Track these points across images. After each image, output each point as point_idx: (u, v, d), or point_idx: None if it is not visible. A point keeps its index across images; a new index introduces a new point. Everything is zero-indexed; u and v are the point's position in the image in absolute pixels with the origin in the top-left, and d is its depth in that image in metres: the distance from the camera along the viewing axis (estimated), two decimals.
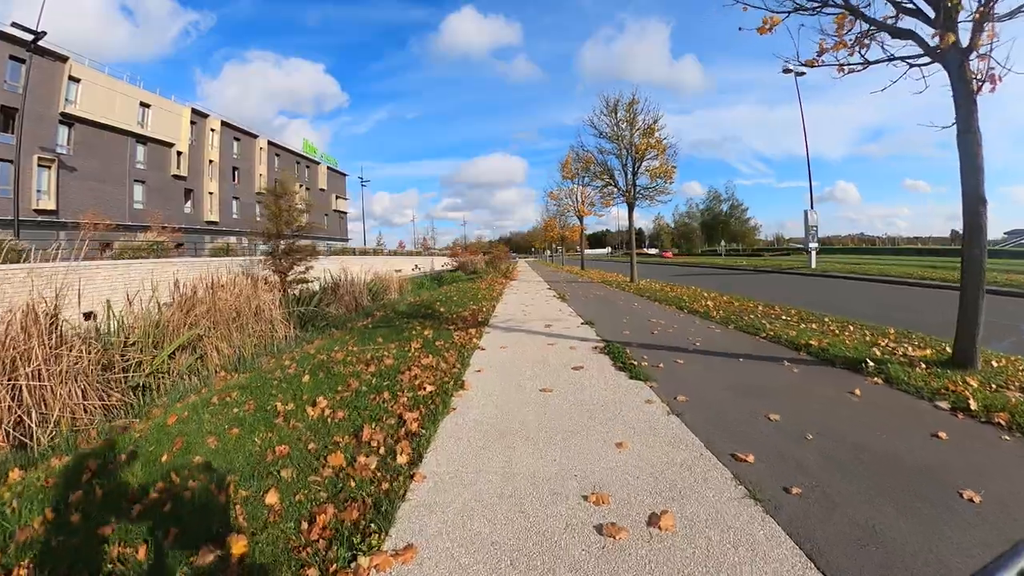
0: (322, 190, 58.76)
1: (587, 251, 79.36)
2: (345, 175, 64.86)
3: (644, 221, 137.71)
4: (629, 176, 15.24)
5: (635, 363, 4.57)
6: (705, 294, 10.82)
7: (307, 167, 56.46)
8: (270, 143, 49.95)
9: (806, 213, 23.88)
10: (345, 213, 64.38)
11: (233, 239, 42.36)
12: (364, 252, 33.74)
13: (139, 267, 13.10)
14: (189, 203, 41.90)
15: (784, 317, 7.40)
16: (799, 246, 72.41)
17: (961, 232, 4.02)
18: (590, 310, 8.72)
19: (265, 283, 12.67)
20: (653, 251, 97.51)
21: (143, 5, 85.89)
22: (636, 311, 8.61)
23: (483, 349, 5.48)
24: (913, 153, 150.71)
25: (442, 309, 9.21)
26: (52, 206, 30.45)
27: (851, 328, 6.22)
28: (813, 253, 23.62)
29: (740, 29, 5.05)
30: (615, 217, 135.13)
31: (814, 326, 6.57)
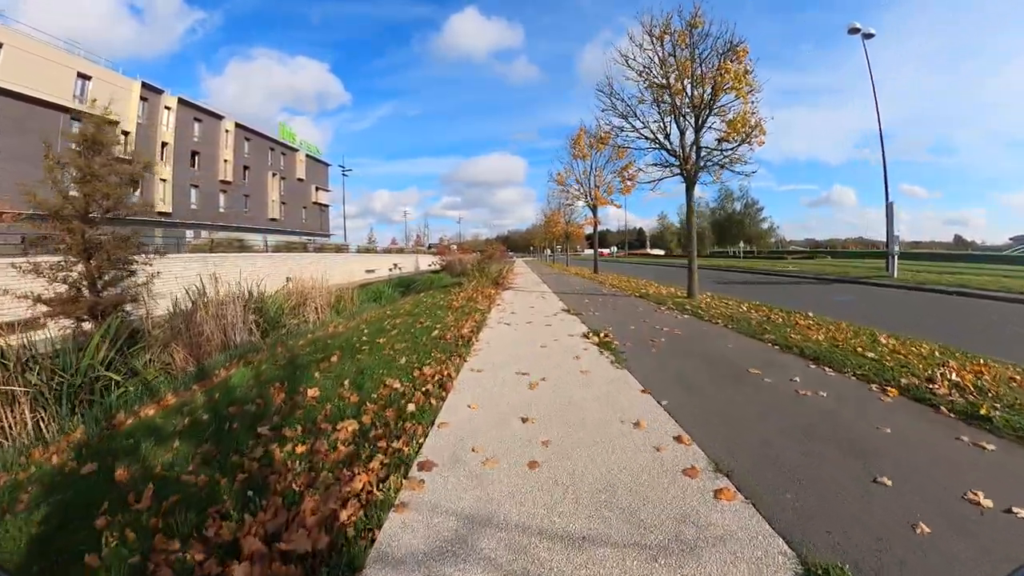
0: (300, 180, 53.09)
1: (587, 251, 74.17)
2: (328, 165, 59.22)
3: (646, 220, 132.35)
4: (689, 135, 9.74)
5: None
6: (885, 340, 5.33)
7: (283, 154, 50.73)
8: (238, 125, 44.22)
9: (889, 207, 18.38)
10: (327, 206, 58.72)
11: (191, 233, 36.75)
12: (323, 249, 28.04)
13: None
14: (138, 191, 36.05)
15: None
16: (802, 248, 67.86)
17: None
18: (749, 446, 2.64)
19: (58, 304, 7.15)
20: (657, 252, 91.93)
21: (151, 4, 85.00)
22: (882, 452, 2.55)
23: None
24: (908, 159, 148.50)
25: (312, 394, 3.64)
26: None
27: None
28: (895, 259, 18.07)
29: None
30: (614, 216, 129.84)
31: None
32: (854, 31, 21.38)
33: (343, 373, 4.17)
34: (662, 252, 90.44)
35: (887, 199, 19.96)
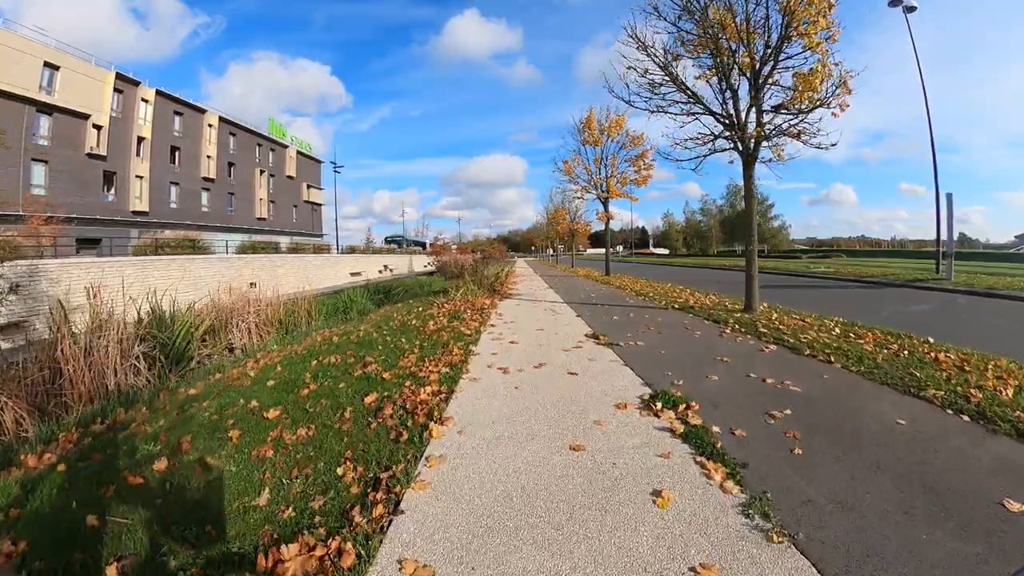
0: (290, 178, 50.70)
1: (590, 251, 71.55)
2: (320, 162, 56.78)
3: (647, 219, 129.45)
4: (744, 98, 7.33)
5: None
6: None
7: (272, 150, 48.33)
8: (222, 119, 41.86)
9: (948, 197, 15.93)
10: (319, 205, 56.27)
11: (169, 233, 34.29)
12: (299, 250, 25.54)
13: None
14: (112, 189, 33.68)
15: None
16: (806, 247, 64.70)
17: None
18: None
19: None
20: (661, 251, 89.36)
21: (154, 8, 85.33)
22: None
23: None
24: (909, 158, 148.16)
25: None
26: None
27: None
28: (952, 260, 15.55)
29: None
30: (616, 216, 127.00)
31: None
32: (895, 2, 19.55)
33: (140, 521, 1.80)
34: (666, 251, 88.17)
35: (936, 189, 17.55)
